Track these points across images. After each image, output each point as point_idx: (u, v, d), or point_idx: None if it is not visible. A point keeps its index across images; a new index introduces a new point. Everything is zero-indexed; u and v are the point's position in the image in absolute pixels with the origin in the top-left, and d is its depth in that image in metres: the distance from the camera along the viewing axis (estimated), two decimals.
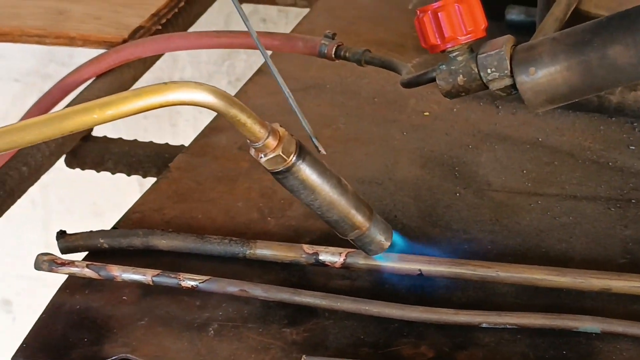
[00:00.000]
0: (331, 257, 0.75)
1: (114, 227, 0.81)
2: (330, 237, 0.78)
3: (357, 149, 0.90)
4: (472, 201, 0.83)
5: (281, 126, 0.66)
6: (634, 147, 0.89)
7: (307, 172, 0.66)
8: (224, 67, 1.53)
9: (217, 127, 0.94)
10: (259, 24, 1.47)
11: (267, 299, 0.73)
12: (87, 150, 1.04)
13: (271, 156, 0.66)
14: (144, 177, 1.04)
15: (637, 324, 0.69)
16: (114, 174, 1.05)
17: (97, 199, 1.65)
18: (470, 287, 0.74)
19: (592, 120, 0.93)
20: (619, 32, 0.70)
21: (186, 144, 1.00)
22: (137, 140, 1.06)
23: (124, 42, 1.04)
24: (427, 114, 0.95)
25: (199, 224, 0.81)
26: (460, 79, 0.78)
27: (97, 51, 1.05)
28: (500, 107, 0.95)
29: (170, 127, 1.57)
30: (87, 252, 0.79)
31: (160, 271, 0.74)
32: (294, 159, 0.66)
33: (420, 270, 0.73)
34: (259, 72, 1.03)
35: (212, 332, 0.71)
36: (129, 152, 1.03)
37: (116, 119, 0.60)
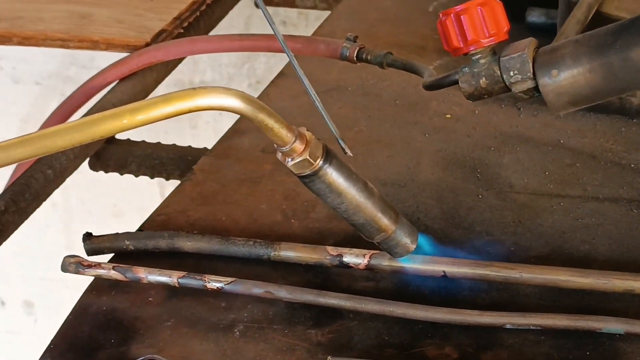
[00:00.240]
0: (355, 258, 0.75)
1: (139, 229, 0.82)
2: (354, 239, 0.79)
3: (380, 151, 0.91)
4: (495, 203, 0.84)
5: (308, 130, 0.67)
6: None
7: (333, 175, 0.67)
8: (244, 69, 1.54)
9: (239, 130, 0.95)
10: (279, 27, 1.48)
11: (292, 301, 0.73)
12: (111, 153, 1.04)
13: (298, 160, 0.66)
14: (167, 179, 1.05)
15: None
16: (137, 176, 1.06)
17: (117, 201, 1.66)
18: (494, 289, 0.75)
19: (613, 122, 0.93)
20: None
21: (207, 146, 1.01)
22: (160, 142, 1.06)
23: (147, 45, 1.05)
24: (449, 116, 0.95)
25: (223, 226, 0.82)
26: (482, 82, 0.78)
27: (118, 55, 1.06)
28: (521, 109, 0.95)
29: (190, 130, 1.58)
30: (112, 254, 0.80)
31: (185, 273, 0.75)
32: (321, 163, 0.67)
33: (444, 271, 0.74)
34: (281, 75, 1.03)
35: (237, 333, 0.72)
36: (152, 154, 1.04)
37: (146, 124, 0.60)
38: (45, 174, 0.93)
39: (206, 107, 0.61)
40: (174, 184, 0.97)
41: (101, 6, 1.12)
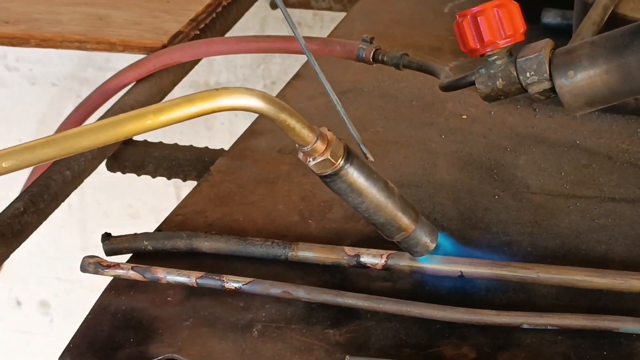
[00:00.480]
0: (372, 259, 0.75)
1: (157, 230, 0.82)
2: (371, 239, 0.79)
3: (396, 151, 0.91)
4: (511, 203, 0.84)
5: (329, 130, 0.67)
6: None
7: (354, 175, 0.68)
8: (259, 70, 1.54)
9: (256, 131, 0.95)
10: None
11: (310, 301, 0.74)
12: (128, 154, 1.05)
13: (319, 160, 0.67)
14: (184, 180, 1.05)
15: None
16: (154, 177, 1.06)
17: (133, 202, 1.66)
18: (510, 289, 0.75)
19: (629, 122, 0.93)
20: None
21: (223, 147, 1.02)
22: (177, 144, 1.07)
23: (164, 47, 1.06)
24: (465, 117, 0.95)
25: (240, 227, 0.82)
26: (499, 83, 0.79)
27: (134, 56, 1.06)
28: (537, 110, 0.96)
29: (205, 131, 1.58)
30: (130, 255, 0.81)
31: (204, 273, 0.75)
32: (342, 162, 0.67)
33: (461, 271, 0.74)
34: (297, 77, 1.04)
35: (256, 332, 0.72)
36: (169, 155, 1.05)
37: (169, 125, 0.61)
38: (63, 175, 0.93)
39: (229, 108, 0.62)
40: (190, 185, 0.97)
41: (118, 8, 1.12)
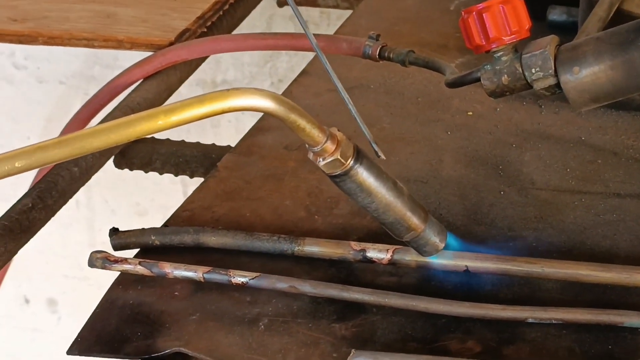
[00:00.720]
0: (378, 253, 0.76)
1: (165, 225, 0.83)
2: (377, 235, 0.80)
3: (402, 148, 0.91)
4: (517, 199, 0.84)
5: (339, 130, 0.68)
6: None
7: (364, 175, 0.68)
8: (266, 68, 1.55)
9: (263, 127, 0.96)
10: (300, 26, 1.49)
11: (316, 295, 0.74)
12: (136, 151, 1.05)
13: (329, 160, 0.67)
14: (191, 177, 1.06)
15: None
16: (161, 174, 1.07)
17: (140, 200, 1.67)
18: (515, 284, 0.75)
19: (634, 118, 0.94)
20: None
21: (230, 145, 1.02)
22: (184, 141, 1.07)
23: (171, 44, 1.06)
24: (471, 113, 0.96)
25: (247, 222, 0.83)
26: (504, 79, 0.79)
27: (141, 54, 1.07)
28: (543, 107, 0.96)
29: (212, 129, 1.59)
30: (138, 249, 0.81)
31: (211, 268, 0.76)
32: (352, 162, 0.68)
33: (466, 266, 0.74)
34: (304, 74, 1.04)
35: (262, 326, 0.73)
36: (177, 152, 1.05)
37: (180, 125, 0.61)
38: (71, 171, 0.94)
39: (239, 108, 0.62)
40: (197, 182, 0.98)
41: (126, 6, 1.13)
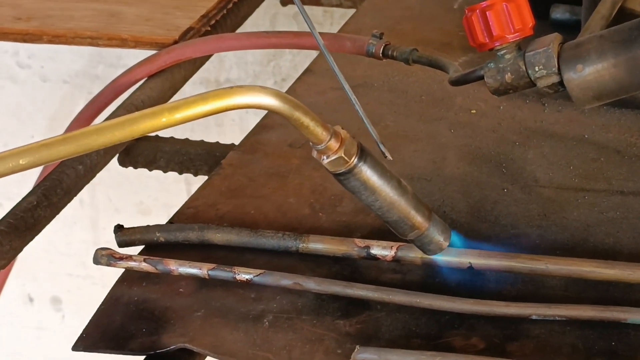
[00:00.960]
0: (382, 250, 0.76)
1: (169, 222, 0.83)
2: (380, 232, 0.80)
3: (406, 146, 0.92)
4: (520, 197, 0.84)
5: (342, 128, 0.68)
6: None
7: (368, 173, 0.68)
8: (269, 67, 1.55)
9: (267, 125, 0.96)
10: (303, 25, 1.49)
11: (320, 292, 0.74)
12: (140, 149, 1.06)
13: (333, 158, 0.67)
14: (195, 175, 1.06)
15: None
16: (165, 172, 1.07)
17: (144, 198, 1.67)
18: (519, 281, 0.75)
19: (638, 117, 0.94)
20: None
21: (234, 143, 1.02)
22: (188, 139, 1.07)
23: (175, 43, 1.06)
24: (474, 111, 0.96)
25: (251, 219, 0.83)
26: (508, 77, 0.79)
27: (145, 53, 1.07)
28: (546, 105, 0.96)
29: (216, 127, 1.59)
30: (142, 246, 0.81)
31: (215, 265, 0.76)
32: (356, 160, 0.68)
33: (470, 263, 0.75)
34: (308, 72, 1.04)
35: (267, 323, 0.73)
36: (181, 150, 1.05)
37: (184, 123, 0.62)
38: (76, 169, 0.94)
39: (243, 106, 0.63)
40: (201, 180, 0.98)
41: (130, 4, 1.13)
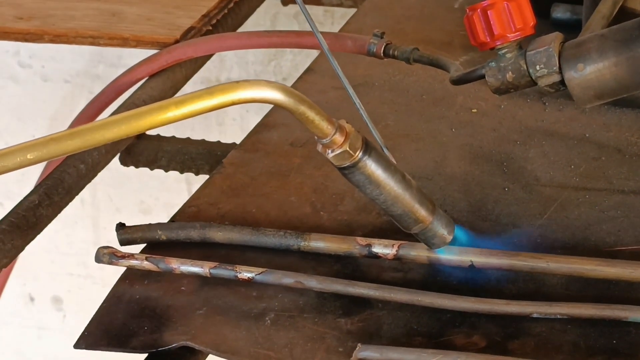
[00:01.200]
0: (384, 249, 0.76)
1: (171, 220, 0.83)
2: (381, 231, 0.80)
3: (407, 145, 0.92)
4: (521, 196, 0.85)
5: (347, 122, 0.68)
6: None
7: (372, 167, 0.68)
8: (270, 67, 1.55)
9: (268, 124, 0.96)
10: (304, 25, 1.49)
11: (322, 290, 0.74)
12: (141, 148, 1.06)
13: (338, 152, 0.67)
14: (197, 174, 1.06)
15: None
16: (167, 171, 1.07)
17: (145, 198, 1.67)
18: (520, 279, 0.76)
19: (638, 116, 0.94)
20: None
21: (235, 142, 1.03)
22: (189, 138, 1.08)
23: (176, 42, 1.06)
24: (475, 110, 0.96)
25: (253, 218, 0.83)
26: (509, 76, 0.80)
27: (145, 52, 1.07)
28: (547, 104, 0.96)
29: (217, 126, 1.59)
30: (144, 245, 0.82)
31: (217, 263, 0.76)
32: (360, 154, 0.68)
33: (471, 261, 0.75)
34: (309, 71, 1.05)
35: (268, 321, 0.73)
36: (182, 149, 1.05)
37: (190, 117, 0.62)
38: (77, 168, 0.94)
39: (249, 100, 0.63)
40: (202, 180, 0.98)
41: (131, 4, 1.13)
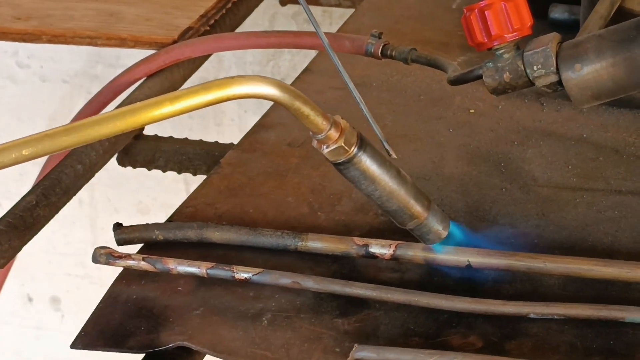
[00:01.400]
0: (381, 249, 0.76)
1: (168, 220, 0.83)
2: (379, 231, 0.80)
3: (405, 145, 0.92)
4: (519, 196, 0.85)
5: (342, 118, 0.68)
6: None
7: (367, 163, 0.69)
8: (268, 67, 1.55)
9: (265, 124, 0.96)
10: (303, 25, 1.49)
11: (319, 291, 0.74)
12: (139, 148, 1.06)
13: (333, 147, 0.68)
14: (194, 174, 1.06)
15: None
16: (164, 171, 1.07)
17: (143, 198, 1.67)
18: (517, 280, 0.76)
19: (636, 116, 0.94)
20: None
21: (233, 143, 1.03)
22: (187, 138, 1.08)
23: (174, 42, 1.06)
24: (473, 111, 0.96)
25: (250, 218, 0.83)
26: (506, 76, 0.80)
27: (144, 52, 1.07)
28: (544, 104, 0.96)
29: (215, 127, 1.59)
30: (142, 244, 0.82)
31: (214, 264, 0.76)
32: (355, 150, 0.68)
33: (469, 261, 0.75)
34: (306, 71, 1.05)
35: (265, 321, 0.73)
36: (180, 150, 1.05)
37: (186, 112, 0.62)
38: (75, 168, 0.94)
39: (244, 95, 0.63)
40: (199, 180, 0.98)
41: (129, 4, 1.13)
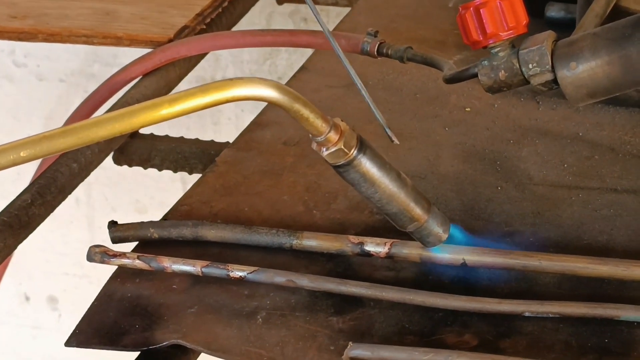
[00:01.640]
0: (376, 247, 0.76)
1: (163, 219, 0.83)
2: (374, 230, 0.80)
3: (400, 144, 0.91)
4: (514, 195, 0.85)
5: (342, 120, 0.68)
6: None
7: (367, 165, 0.68)
8: (265, 66, 1.55)
9: (261, 123, 0.96)
10: (300, 23, 1.49)
11: (314, 289, 0.74)
12: (135, 147, 1.06)
13: (333, 150, 0.67)
14: (190, 173, 1.06)
15: None
16: (160, 170, 1.07)
17: (140, 197, 1.67)
18: (512, 278, 0.75)
19: (631, 115, 0.94)
20: None
21: (229, 142, 1.02)
22: (183, 137, 1.08)
23: (170, 41, 1.06)
24: (469, 109, 0.96)
25: (245, 217, 0.83)
26: (502, 74, 0.79)
27: (141, 51, 1.07)
28: (540, 103, 0.96)
29: (212, 126, 1.59)
30: (137, 242, 0.82)
31: (209, 262, 0.76)
32: (355, 152, 0.68)
33: (464, 259, 0.75)
34: (303, 70, 1.05)
35: (260, 320, 0.73)
36: (175, 149, 1.05)
37: (184, 115, 0.62)
38: (70, 167, 0.94)
39: (243, 98, 0.63)
40: (196, 179, 0.98)
41: (125, 3, 1.13)
